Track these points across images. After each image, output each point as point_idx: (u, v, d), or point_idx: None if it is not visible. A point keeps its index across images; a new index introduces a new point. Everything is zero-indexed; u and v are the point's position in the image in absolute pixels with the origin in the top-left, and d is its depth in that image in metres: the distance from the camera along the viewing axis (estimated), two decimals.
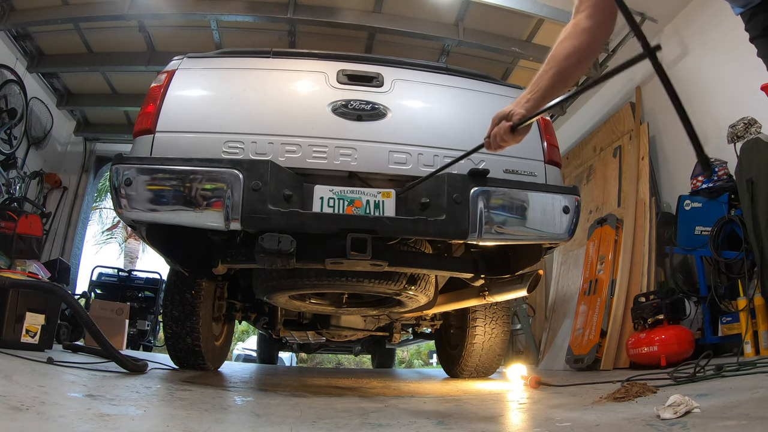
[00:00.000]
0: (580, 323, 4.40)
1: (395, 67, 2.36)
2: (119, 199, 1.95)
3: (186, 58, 2.32)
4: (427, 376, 4.47)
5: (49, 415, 1.15)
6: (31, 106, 5.83)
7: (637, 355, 3.46)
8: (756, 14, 1.23)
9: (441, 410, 1.78)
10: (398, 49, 5.25)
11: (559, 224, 2.13)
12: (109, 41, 5.60)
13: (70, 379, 1.87)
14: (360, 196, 2.06)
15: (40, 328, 2.86)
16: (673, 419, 1.21)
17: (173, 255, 2.28)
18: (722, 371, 2.04)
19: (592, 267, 4.62)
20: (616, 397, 1.68)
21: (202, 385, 2.23)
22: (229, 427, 1.34)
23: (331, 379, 3.45)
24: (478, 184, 2.03)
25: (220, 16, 4.97)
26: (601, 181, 5.15)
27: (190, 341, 2.75)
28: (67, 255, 6.64)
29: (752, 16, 1.24)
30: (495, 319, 3.11)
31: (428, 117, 2.27)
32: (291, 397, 2.05)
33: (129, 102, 6.46)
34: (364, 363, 10.91)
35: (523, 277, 2.48)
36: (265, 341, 6.79)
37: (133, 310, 6.27)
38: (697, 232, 3.57)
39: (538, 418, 1.58)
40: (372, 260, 1.96)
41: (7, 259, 4.59)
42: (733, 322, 3.19)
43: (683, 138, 4.51)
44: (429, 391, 2.56)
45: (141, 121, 2.14)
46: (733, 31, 1.29)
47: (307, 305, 2.79)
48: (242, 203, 1.89)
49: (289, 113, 2.17)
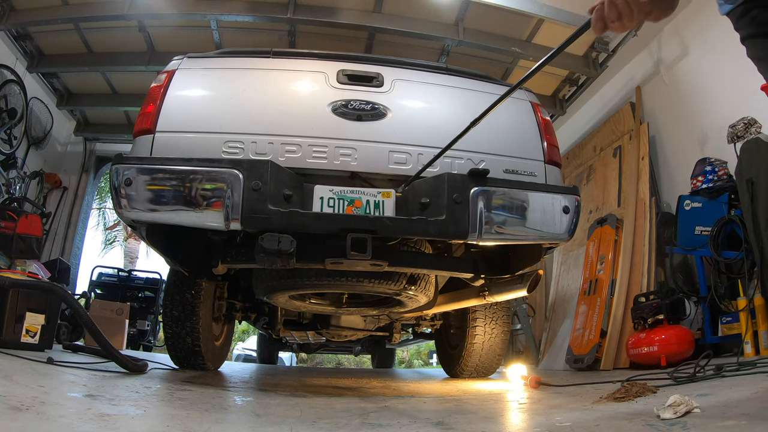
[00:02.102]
0: (580, 323, 4.40)
1: (395, 67, 2.36)
2: (119, 199, 1.95)
3: (186, 58, 2.32)
4: (427, 376, 4.47)
5: (49, 415, 1.15)
6: (31, 106, 5.83)
7: (637, 355, 3.46)
8: (747, 12, 1.16)
9: (441, 410, 1.78)
10: (398, 49, 5.25)
11: (559, 224, 2.13)
12: (109, 41, 5.60)
13: (70, 379, 1.87)
14: (360, 196, 2.06)
15: (40, 328, 2.86)
16: (673, 419, 1.21)
17: (173, 255, 2.28)
18: (722, 371, 2.04)
19: (592, 267, 4.62)
20: (616, 397, 1.68)
21: (202, 385, 2.23)
22: (229, 427, 1.34)
23: (331, 379, 3.45)
24: (478, 184, 2.03)
25: (220, 16, 4.97)
26: (601, 181, 5.15)
27: (190, 341, 2.75)
28: (67, 255, 6.64)
29: (742, 14, 1.18)
30: (495, 319, 3.11)
31: (428, 117, 2.27)
32: (291, 397, 2.05)
33: (129, 102, 6.46)
34: (364, 363, 10.91)
35: (523, 277, 2.48)
36: (265, 341, 6.79)
37: (133, 310, 6.27)
38: (697, 232, 3.57)
39: (538, 418, 1.58)
40: (372, 260, 1.96)
41: (7, 259, 4.59)
42: (733, 322, 3.19)
43: (683, 138, 4.54)
44: (429, 391, 2.56)
45: (141, 121, 2.14)
46: (733, 31, 1.27)
47: (307, 305, 2.79)
48: (242, 203, 1.89)
49: (289, 113, 2.17)
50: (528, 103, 2.43)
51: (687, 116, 4.29)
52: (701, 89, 4.15)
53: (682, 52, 4.43)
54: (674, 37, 4.50)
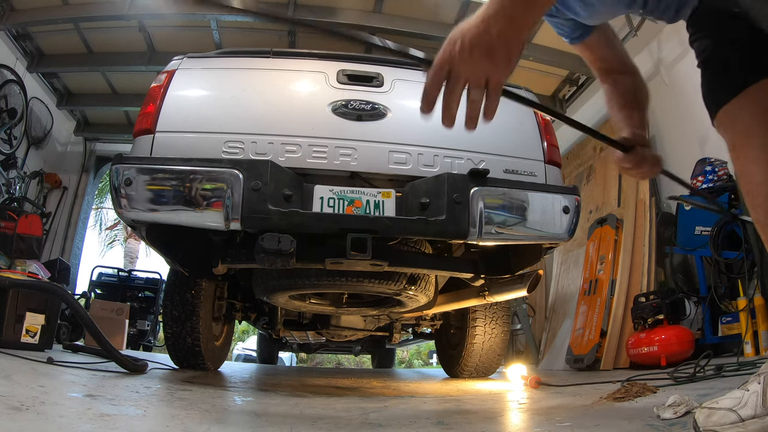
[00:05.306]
0: (580, 323, 4.40)
1: (395, 67, 2.36)
2: (119, 199, 1.94)
3: (186, 58, 2.32)
4: (427, 376, 4.47)
5: (49, 415, 1.15)
6: (31, 106, 5.83)
7: (637, 355, 3.46)
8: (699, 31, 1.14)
9: (441, 410, 1.78)
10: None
11: (559, 224, 2.13)
12: (109, 41, 5.60)
13: (70, 379, 1.87)
14: (360, 196, 2.06)
15: (40, 328, 2.86)
16: (673, 419, 1.21)
17: (173, 255, 2.28)
18: (722, 371, 2.04)
19: (592, 267, 4.62)
20: (616, 397, 1.68)
21: (202, 385, 2.22)
22: (229, 427, 1.34)
23: (331, 379, 3.45)
24: (478, 184, 2.03)
25: (220, 16, 4.97)
26: (601, 181, 5.15)
27: (190, 341, 2.75)
28: (67, 255, 6.64)
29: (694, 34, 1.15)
30: (495, 319, 3.10)
31: (428, 117, 2.26)
32: (291, 397, 2.05)
33: (129, 102, 6.47)
34: (364, 363, 10.90)
35: (523, 277, 2.48)
36: (265, 341, 6.79)
37: (133, 310, 6.26)
38: (697, 232, 3.57)
39: (538, 418, 1.58)
40: (372, 260, 1.96)
41: (7, 259, 4.59)
42: (733, 322, 3.19)
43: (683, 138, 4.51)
44: (429, 391, 2.57)
45: (141, 121, 2.14)
46: None
47: (307, 305, 2.79)
48: (242, 203, 1.89)
49: (289, 113, 2.17)
50: None
51: (687, 116, 4.28)
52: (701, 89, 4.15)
53: (682, 52, 4.43)
54: (674, 37, 4.49)
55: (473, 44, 0.80)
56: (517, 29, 0.81)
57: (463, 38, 0.81)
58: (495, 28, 0.80)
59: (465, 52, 0.81)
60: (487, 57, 0.80)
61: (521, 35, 0.82)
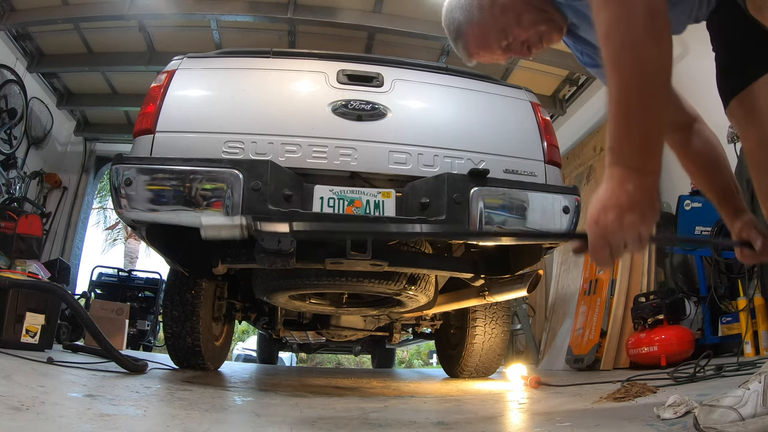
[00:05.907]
0: (580, 323, 4.40)
1: (395, 67, 2.36)
2: (119, 199, 1.95)
3: (186, 58, 2.32)
4: (427, 376, 4.47)
5: (49, 415, 1.15)
6: (31, 106, 5.83)
7: (637, 355, 3.46)
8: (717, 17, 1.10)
9: (441, 410, 1.78)
10: (398, 49, 5.25)
11: (559, 224, 2.13)
12: (109, 41, 5.60)
13: (70, 379, 1.87)
14: (360, 196, 2.06)
15: (40, 328, 2.85)
16: (673, 419, 1.21)
17: (173, 255, 2.28)
18: (722, 371, 2.04)
19: (592, 267, 4.61)
20: (616, 397, 1.68)
21: (202, 385, 2.22)
22: (229, 427, 1.34)
23: (331, 379, 3.45)
24: (478, 184, 2.03)
25: (220, 16, 4.97)
26: (601, 181, 5.13)
27: (190, 341, 2.74)
28: (67, 255, 6.64)
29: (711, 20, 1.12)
30: (495, 319, 3.10)
31: (428, 117, 2.27)
32: (291, 397, 2.05)
33: (129, 102, 6.46)
34: (364, 363, 10.90)
35: (523, 277, 2.48)
36: (265, 341, 6.79)
37: (133, 310, 6.26)
38: (697, 232, 3.56)
39: (538, 418, 1.58)
40: (372, 260, 1.96)
41: (7, 259, 4.59)
42: (733, 322, 3.19)
43: None
44: (429, 391, 2.57)
45: (141, 121, 2.14)
46: None
47: (307, 305, 2.79)
48: (242, 203, 1.89)
49: (289, 113, 2.17)
50: (528, 103, 2.43)
51: None
52: (701, 89, 4.11)
53: (682, 52, 4.42)
54: (674, 37, 4.49)
55: (618, 213, 0.83)
56: (650, 175, 0.83)
57: (606, 209, 0.84)
58: (630, 185, 0.82)
59: (615, 223, 0.83)
60: (637, 217, 0.82)
61: (655, 180, 0.84)
